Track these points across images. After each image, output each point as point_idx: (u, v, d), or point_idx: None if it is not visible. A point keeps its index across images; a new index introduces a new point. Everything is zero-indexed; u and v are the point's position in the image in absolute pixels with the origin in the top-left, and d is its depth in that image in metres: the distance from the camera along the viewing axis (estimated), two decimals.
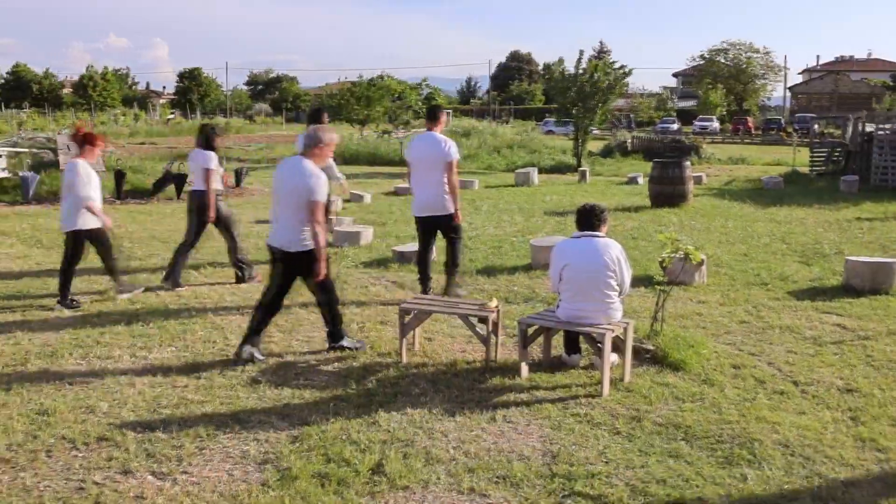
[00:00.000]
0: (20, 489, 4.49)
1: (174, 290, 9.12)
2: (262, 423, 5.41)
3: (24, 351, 6.92)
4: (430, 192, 8.49)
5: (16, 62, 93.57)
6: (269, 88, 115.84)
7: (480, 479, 4.61)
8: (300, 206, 6.42)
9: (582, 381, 6.22)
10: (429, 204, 8.53)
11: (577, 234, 6.40)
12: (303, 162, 6.52)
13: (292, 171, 6.55)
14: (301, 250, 6.53)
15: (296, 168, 6.52)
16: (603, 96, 27.39)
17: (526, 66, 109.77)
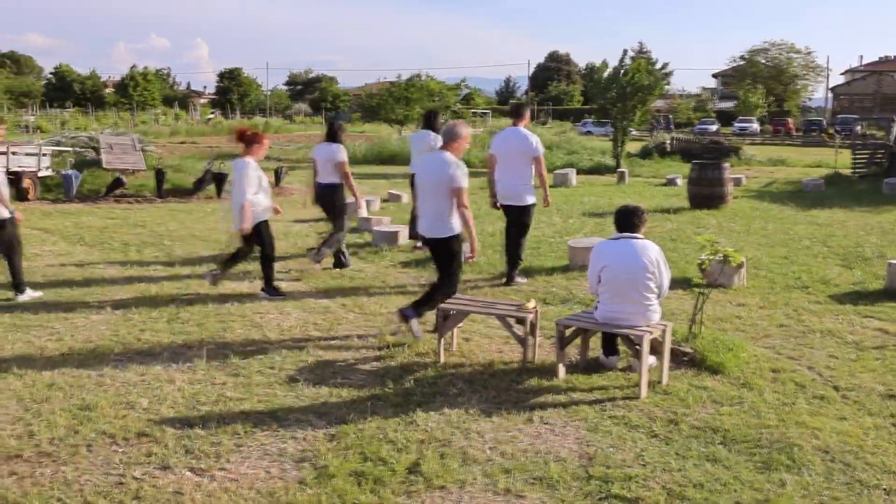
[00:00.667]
0: (62, 482, 4.57)
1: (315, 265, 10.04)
2: (299, 421, 5.45)
3: (66, 347, 7.04)
4: (511, 183, 9.25)
5: (59, 62, 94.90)
6: (308, 88, 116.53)
7: (517, 479, 4.61)
8: (445, 196, 6.99)
9: (619, 384, 6.20)
10: (509, 194, 9.30)
11: (615, 235, 6.38)
12: (444, 155, 7.12)
13: (435, 164, 7.12)
14: (445, 236, 7.07)
15: (438, 161, 7.11)
16: (642, 97, 27.21)
17: (564, 66, 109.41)
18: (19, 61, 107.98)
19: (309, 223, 14.60)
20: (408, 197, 18.23)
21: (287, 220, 15.14)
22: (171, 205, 17.52)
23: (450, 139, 7.21)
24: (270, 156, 31.88)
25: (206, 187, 18.96)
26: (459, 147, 7.21)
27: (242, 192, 8.66)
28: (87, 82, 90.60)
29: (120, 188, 18.70)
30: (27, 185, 17.86)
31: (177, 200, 18.16)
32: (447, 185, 6.97)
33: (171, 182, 19.33)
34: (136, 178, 19.72)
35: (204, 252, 11.65)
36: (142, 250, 11.72)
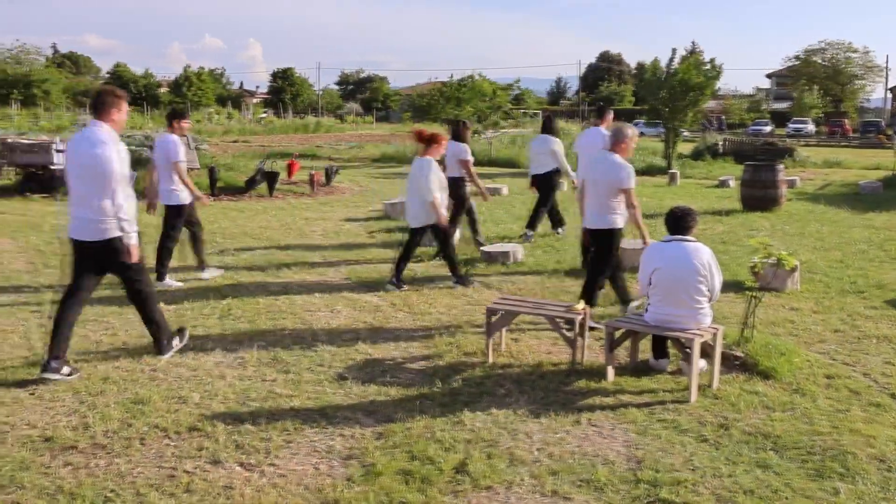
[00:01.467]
0: (115, 474, 4.66)
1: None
2: (347, 418, 5.49)
3: (120, 341, 7.17)
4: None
5: (116, 62, 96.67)
6: (359, 88, 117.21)
7: (564, 481, 4.60)
8: (609, 194, 7.48)
9: (669, 387, 6.14)
10: None
11: (667, 237, 6.32)
12: (613, 157, 7.52)
13: (605, 165, 7.55)
14: (607, 228, 7.59)
15: (608, 163, 7.52)
16: (694, 97, 26.90)
17: (616, 66, 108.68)
18: (78, 62, 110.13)
19: (359, 222, 14.68)
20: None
21: (338, 219, 15.25)
22: (224, 203, 17.73)
23: (617, 141, 7.58)
24: (320, 155, 32.18)
25: (258, 186, 19.16)
26: (626, 148, 7.59)
27: (429, 189, 9.14)
28: (141, 82, 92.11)
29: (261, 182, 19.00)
30: None
31: (229, 198, 18.37)
32: (615, 185, 7.43)
33: (224, 180, 19.57)
34: (191, 176, 19.96)
35: (256, 250, 11.78)
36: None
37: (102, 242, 6.34)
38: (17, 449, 4.96)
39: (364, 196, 19.20)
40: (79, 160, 6.27)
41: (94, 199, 6.23)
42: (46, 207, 16.57)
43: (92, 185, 6.24)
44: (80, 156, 6.26)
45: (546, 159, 12.37)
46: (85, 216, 6.31)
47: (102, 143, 6.20)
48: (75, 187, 6.36)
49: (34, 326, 7.63)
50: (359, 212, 16.19)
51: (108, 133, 6.31)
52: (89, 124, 6.42)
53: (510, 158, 29.20)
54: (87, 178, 6.25)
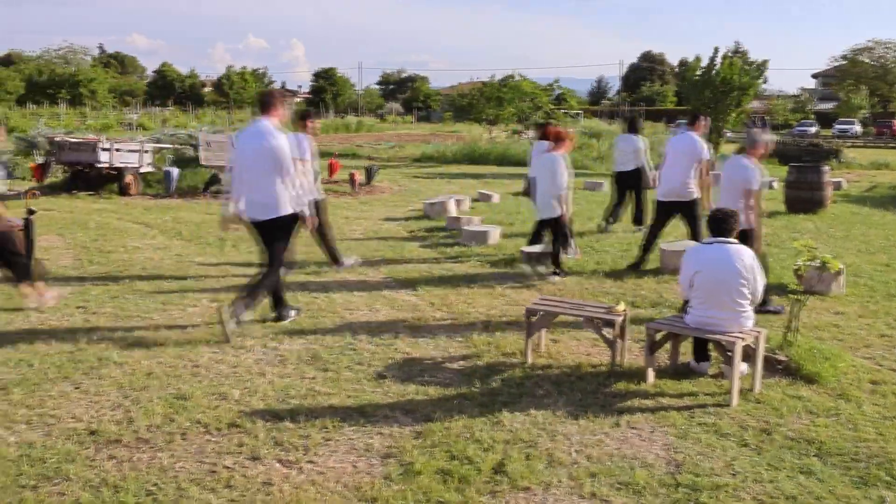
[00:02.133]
0: (157, 468, 4.72)
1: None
2: (386, 417, 5.51)
3: (163, 338, 7.25)
4: (676, 181, 10.14)
5: (162, 62, 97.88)
6: (400, 88, 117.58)
7: (602, 484, 4.58)
8: (739, 195, 7.98)
9: (710, 390, 6.09)
10: (674, 190, 10.17)
11: (708, 239, 6.27)
12: (745, 160, 8.11)
13: (737, 167, 8.13)
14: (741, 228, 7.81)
15: (740, 166, 8.10)
16: (737, 97, 26.62)
17: (658, 66, 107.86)
18: (124, 62, 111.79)
19: (399, 222, 14.72)
20: (499, 197, 18.24)
21: (378, 218, 15.31)
22: None
23: (752, 145, 8.18)
24: (360, 154, 32.31)
25: None
26: (757, 153, 8.16)
27: (560, 184, 9.69)
28: (186, 81, 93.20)
29: (217, 185, 19.18)
30: (129, 180, 18.48)
31: None
32: (743, 185, 7.99)
33: None
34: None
35: (297, 247, 11.84)
36: (237, 245, 12.00)
37: (274, 219, 7.42)
38: (63, 441, 5.05)
39: (404, 196, 19.25)
40: (254, 150, 7.32)
41: (270, 182, 7.31)
42: (92, 205, 16.84)
43: (267, 171, 7.28)
44: (255, 147, 7.31)
45: (631, 157, 13.35)
46: (260, 199, 7.38)
47: (274, 135, 7.32)
48: (250, 174, 7.37)
49: (79, 321, 7.75)
50: (398, 211, 16.23)
51: (276, 126, 7.39)
52: (257, 120, 7.48)
53: None
54: (264, 165, 7.30)
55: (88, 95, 77.52)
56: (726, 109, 26.74)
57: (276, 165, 7.30)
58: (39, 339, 7.18)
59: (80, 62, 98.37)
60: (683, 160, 10.19)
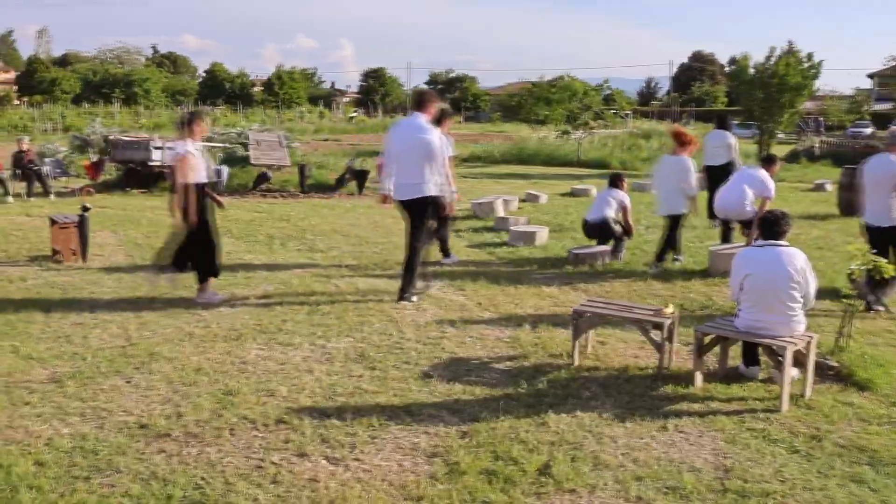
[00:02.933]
0: (205, 463, 4.78)
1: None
2: (432, 416, 5.52)
3: (212, 334, 7.35)
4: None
5: (213, 62, 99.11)
6: (448, 88, 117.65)
7: (648, 488, 4.54)
8: (888, 191, 8.39)
9: (759, 395, 6.00)
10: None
11: (759, 242, 6.18)
12: (890, 157, 8.48)
13: (883, 163, 8.51)
14: (886, 226, 8.48)
15: (886, 162, 8.47)
16: (791, 97, 26.19)
17: (708, 66, 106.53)
18: (176, 61, 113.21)
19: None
20: (547, 197, 18.18)
21: None
22: (314, 200, 18.02)
23: (892, 142, 8.57)
24: None
25: (347, 184, 19.41)
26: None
27: (691, 185, 10.39)
28: (236, 81, 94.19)
29: (266, 183, 19.38)
30: None
31: (319, 196, 18.66)
32: (891, 181, 8.35)
33: (314, 178, 19.88)
34: (282, 173, 20.37)
35: (345, 247, 11.94)
36: (285, 243, 12.12)
37: (419, 199, 8.52)
38: (115, 434, 5.14)
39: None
40: (409, 141, 8.49)
41: (419, 168, 8.43)
42: (144, 202, 17.10)
43: (418, 159, 8.43)
44: (410, 138, 8.51)
45: (721, 152, 13.99)
46: (409, 182, 8.49)
47: (427, 130, 8.52)
48: (402, 161, 8.51)
49: (131, 317, 7.88)
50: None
51: (428, 122, 8.59)
52: (412, 115, 8.74)
53: (600, 159, 28.91)
54: (415, 154, 8.43)
55: (142, 95, 78.66)
56: (779, 110, 26.29)
57: (427, 155, 8.42)
58: (93, 333, 7.31)
59: (134, 62, 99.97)
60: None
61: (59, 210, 13.77)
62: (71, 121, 50.96)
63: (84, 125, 36.23)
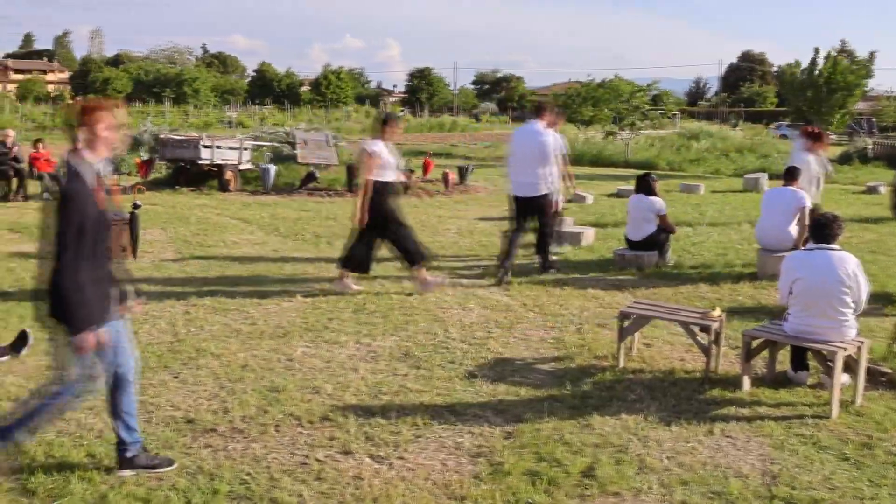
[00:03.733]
0: (251, 458, 4.83)
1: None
2: (477, 416, 5.52)
3: (259, 331, 7.42)
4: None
5: (262, 62, 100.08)
6: (495, 87, 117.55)
7: (694, 492, 4.49)
8: None
9: (808, 401, 5.91)
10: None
11: (810, 246, 6.09)
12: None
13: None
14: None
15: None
16: (842, 97, 25.75)
17: (758, 66, 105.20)
18: (225, 61, 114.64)
19: (493, 221, 14.72)
20: (593, 197, 18.09)
21: (471, 218, 15.34)
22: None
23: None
24: (455, 153, 32.44)
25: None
26: None
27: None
28: (284, 80, 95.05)
29: (313, 182, 19.51)
30: (229, 177, 18.94)
31: None
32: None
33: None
34: (329, 172, 20.49)
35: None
36: (332, 242, 12.19)
37: (534, 197, 9.80)
38: (162, 428, 5.22)
39: (498, 196, 19.18)
40: (528, 144, 9.83)
41: (535, 168, 9.69)
42: (193, 200, 17.32)
43: (535, 160, 9.69)
44: (529, 141, 9.84)
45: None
46: (526, 180, 9.77)
47: (543, 134, 9.84)
48: (522, 162, 9.83)
49: (180, 313, 7.98)
50: (493, 211, 16.22)
51: (544, 127, 9.89)
52: (531, 121, 10.09)
53: (648, 160, 28.69)
54: (533, 156, 9.71)
55: (192, 94, 79.78)
56: (830, 111, 25.86)
57: (542, 157, 9.69)
58: (142, 329, 7.42)
59: (185, 62, 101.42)
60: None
61: (111, 207, 13.96)
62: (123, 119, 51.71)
63: (135, 124, 36.78)
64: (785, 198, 9.72)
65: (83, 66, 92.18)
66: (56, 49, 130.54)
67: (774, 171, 26.13)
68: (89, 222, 4.16)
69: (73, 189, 4.13)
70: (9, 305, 8.16)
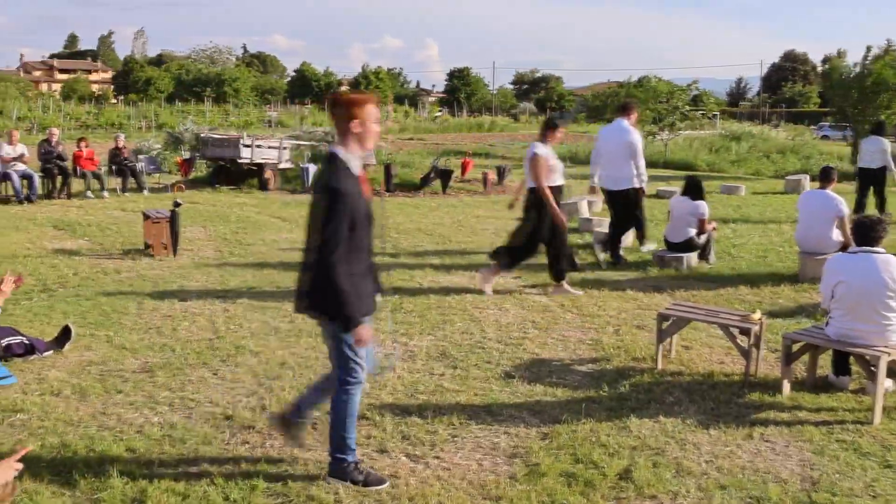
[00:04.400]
0: (288, 455, 4.87)
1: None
2: (513, 417, 5.51)
3: (297, 329, 7.46)
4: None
5: (302, 61, 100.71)
6: (533, 88, 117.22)
7: (732, 497, 4.45)
8: None
9: (850, 406, 5.82)
10: None
11: (853, 248, 6.00)
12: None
13: None
14: None
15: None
16: (888, 98, 25.26)
17: (801, 66, 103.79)
18: (265, 61, 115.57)
19: None
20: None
21: (510, 218, 15.29)
22: (399, 199, 18.14)
23: None
24: (493, 153, 32.40)
25: (432, 183, 19.49)
26: None
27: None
28: (323, 80, 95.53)
29: (435, 180, 19.59)
30: (269, 176, 19.09)
31: (404, 195, 18.78)
32: None
33: (400, 177, 20.01)
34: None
35: (428, 246, 12.00)
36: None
37: (621, 191, 10.58)
38: (201, 424, 5.28)
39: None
40: (615, 141, 10.52)
41: (622, 164, 10.44)
42: (233, 199, 17.48)
43: (622, 156, 10.41)
44: (616, 138, 10.53)
45: (877, 156, 15.09)
46: (614, 174, 10.57)
47: (630, 132, 10.49)
48: (608, 157, 10.63)
49: (219, 310, 8.06)
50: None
51: (630, 125, 10.55)
52: (618, 119, 10.70)
53: (686, 160, 28.44)
54: (620, 152, 10.41)
55: (232, 94, 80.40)
56: (875, 111, 25.39)
57: (629, 153, 10.36)
58: (182, 325, 7.51)
59: (225, 62, 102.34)
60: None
61: (152, 205, 14.17)
62: (164, 119, 52.38)
63: (176, 123, 37.19)
64: (822, 201, 9.57)
65: (126, 66, 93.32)
66: (100, 49, 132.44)
67: (816, 173, 25.80)
68: (359, 215, 4.17)
69: (344, 183, 4.11)
70: (52, 301, 8.30)
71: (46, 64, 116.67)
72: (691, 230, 10.41)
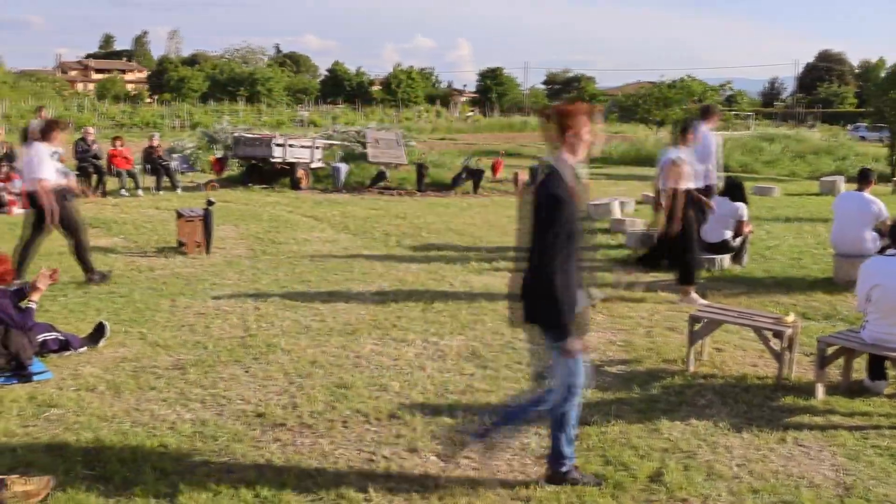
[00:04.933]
0: (318, 453, 4.89)
1: None
2: (543, 418, 5.49)
3: (328, 328, 7.49)
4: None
5: (335, 61, 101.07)
6: (565, 88, 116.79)
7: (764, 501, 4.41)
8: None
9: (885, 411, 5.74)
10: None
11: (890, 252, 5.92)
12: None
13: None
14: None
15: None
16: None
17: (836, 66, 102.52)
18: (298, 61, 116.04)
19: None
20: None
21: None
22: (430, 199, 18.16)
23: None
24: (525, 154, 32.33)
25: (463, 183, 19.49)
26: None
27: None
28: (354, 80, 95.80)
29: (383, 181, 19.65)
30: (300, 175, 19.19)
31: (435, 194, 18.80)
32: None
33: (431, 177, 20.02)
34: (399, 171, 20.62)
35: (459, 245, 12.00)
36: (401, 241, 12.26)
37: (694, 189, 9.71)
38: (233, 421, 5.31)
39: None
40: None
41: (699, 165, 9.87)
42: (265, 198, 17.57)
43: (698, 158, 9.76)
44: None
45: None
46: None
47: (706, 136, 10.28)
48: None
49: (251, 309, 8.11)
50: None
51: (710, 129, 10.50)
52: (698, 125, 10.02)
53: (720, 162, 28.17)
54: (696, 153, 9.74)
55: (265, 93, 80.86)
56: None
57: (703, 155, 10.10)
58: (214, 323, 7.57)
59: (258, 61, 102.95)
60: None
61: (186, 204, 14.30)
62: (198, 118, 52.80)
63: (210, 122, 37.49)
64: (858, 203, 9.47)
65: (160, 66, 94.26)
66: (135, 49, 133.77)
67: (851, 175, 25.49)
68: (576, 225, 4.18)
69: (562, 193, 4.13)
70: (87, 298, 8.40)
71: (82, 64, 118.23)
72: (728, 231, 10.34)
